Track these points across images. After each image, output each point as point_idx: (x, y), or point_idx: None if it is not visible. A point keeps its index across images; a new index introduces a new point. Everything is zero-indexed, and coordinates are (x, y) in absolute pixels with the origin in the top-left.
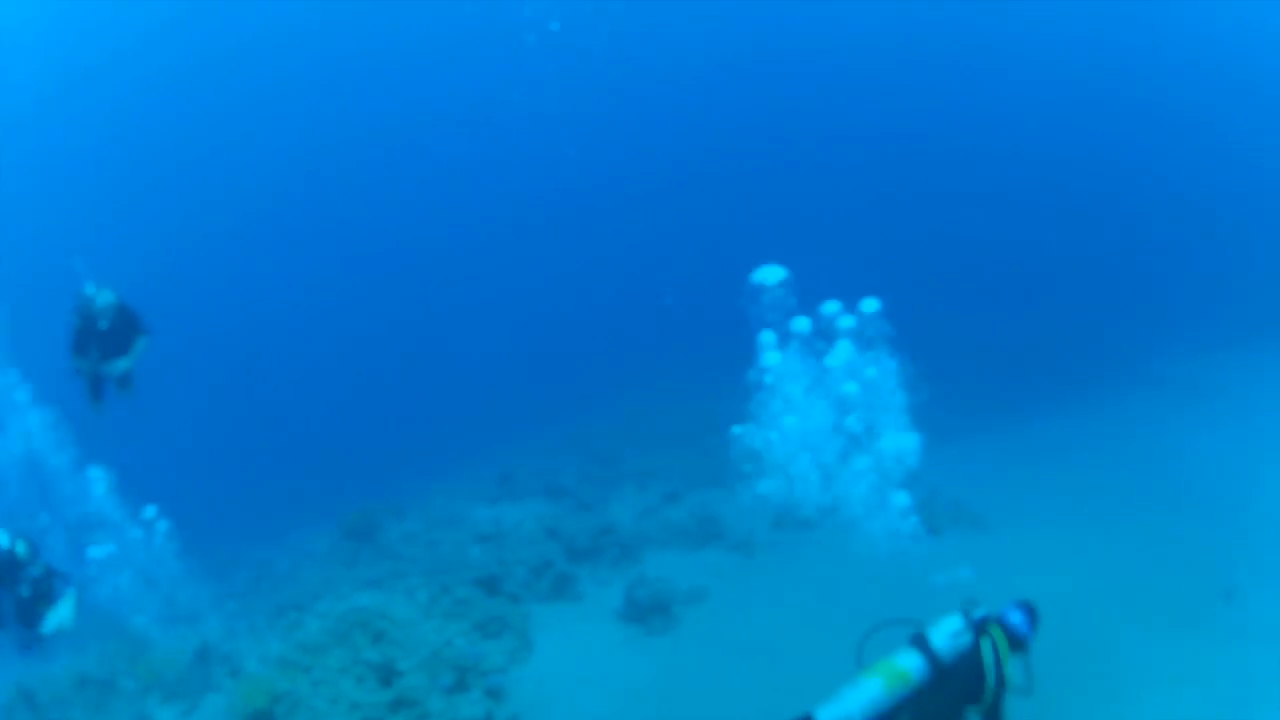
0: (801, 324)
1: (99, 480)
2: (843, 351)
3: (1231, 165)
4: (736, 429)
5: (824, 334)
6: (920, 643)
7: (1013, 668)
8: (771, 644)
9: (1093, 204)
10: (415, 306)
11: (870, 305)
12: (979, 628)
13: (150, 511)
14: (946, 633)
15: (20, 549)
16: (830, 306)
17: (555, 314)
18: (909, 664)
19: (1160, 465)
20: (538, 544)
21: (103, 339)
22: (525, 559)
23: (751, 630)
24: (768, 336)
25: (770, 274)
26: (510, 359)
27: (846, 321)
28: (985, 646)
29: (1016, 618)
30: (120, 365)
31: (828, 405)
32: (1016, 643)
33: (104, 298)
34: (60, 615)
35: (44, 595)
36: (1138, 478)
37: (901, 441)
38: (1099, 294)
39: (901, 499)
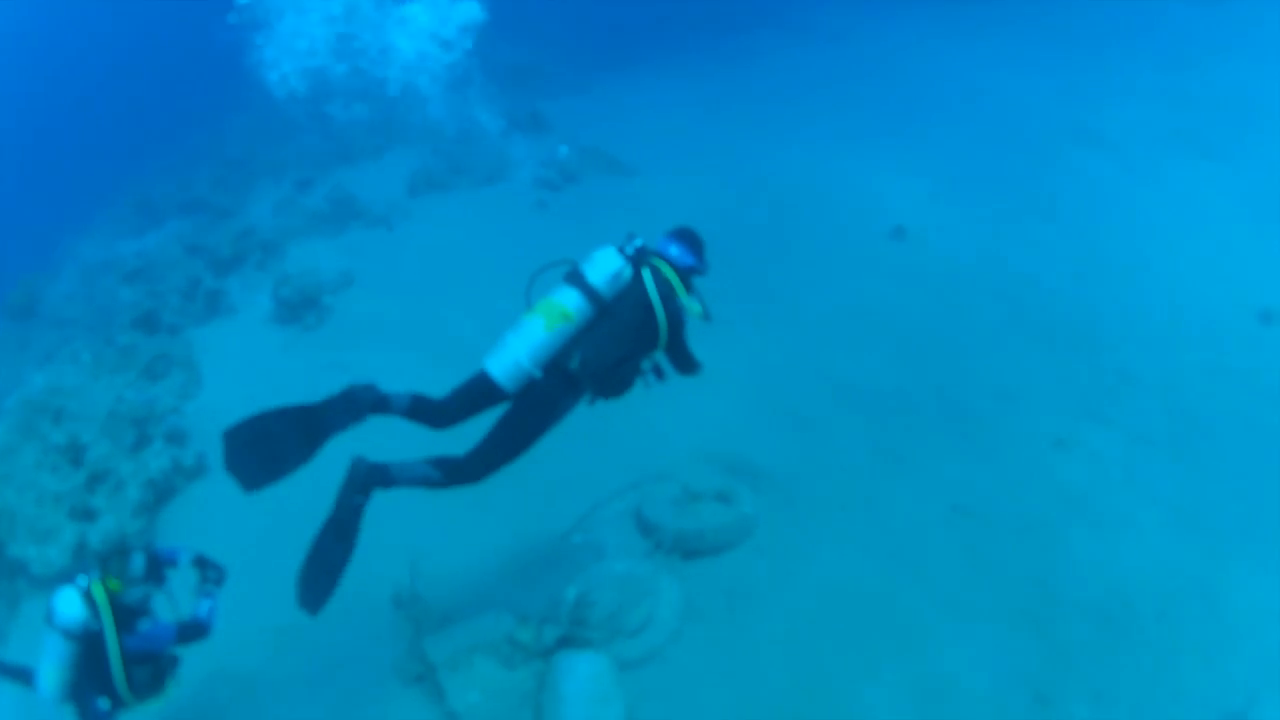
0: None
1: None
2: None
3: None
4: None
5: None
6: (576, 279)
7: (688, 298)
8: (428, 310)
9: None
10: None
11: None
12: (637, 260)
13: None
14: (600, 266)
15: None
16: None
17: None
18: (567, 300)
19: (811, 108)
20: (182, 265)
21: None
22: (174, 285)
23: (404, 301)
24: None
25: None
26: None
27: None
28: (647, 277)
29: (675, 250)
30: None
31: None
32: (686, 272)
33: None
34: None
35: None
36: (787, 122)
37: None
38: None
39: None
